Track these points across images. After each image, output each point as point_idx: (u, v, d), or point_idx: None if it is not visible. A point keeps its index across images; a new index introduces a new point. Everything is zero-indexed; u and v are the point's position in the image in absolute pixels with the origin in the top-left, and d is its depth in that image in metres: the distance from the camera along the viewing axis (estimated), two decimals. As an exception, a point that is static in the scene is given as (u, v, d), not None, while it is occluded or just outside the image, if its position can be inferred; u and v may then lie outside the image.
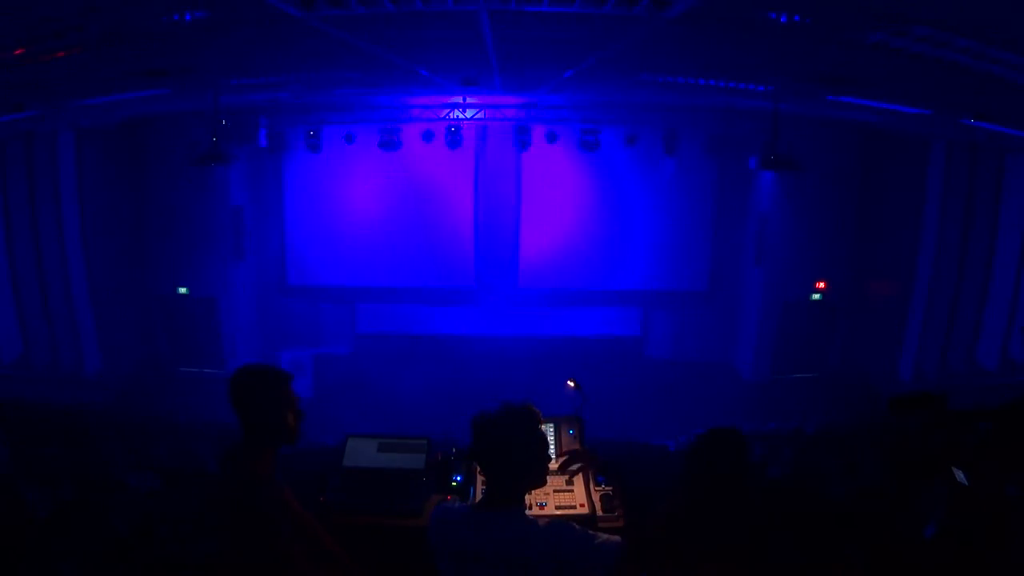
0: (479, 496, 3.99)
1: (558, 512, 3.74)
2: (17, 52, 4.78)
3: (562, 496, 3.85)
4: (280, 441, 2.84)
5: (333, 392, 11.96)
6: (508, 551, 2.32)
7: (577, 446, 4.14)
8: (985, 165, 10.59)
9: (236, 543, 2.57)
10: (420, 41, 5.94)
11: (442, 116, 11.43)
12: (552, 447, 4.13)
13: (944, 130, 9.87)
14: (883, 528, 2.92)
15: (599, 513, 3.85)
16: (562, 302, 12.99)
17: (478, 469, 4.20)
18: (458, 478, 4.28)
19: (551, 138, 11.64)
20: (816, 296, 12.27)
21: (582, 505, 3.87)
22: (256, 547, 2.56)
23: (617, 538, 2.35)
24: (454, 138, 11.38)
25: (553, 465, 2.83)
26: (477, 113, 11.49)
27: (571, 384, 4.60)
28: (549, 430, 4.25)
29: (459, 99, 11.12)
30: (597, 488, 4.07)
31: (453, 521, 2.48)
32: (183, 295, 12.14)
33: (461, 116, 11.44)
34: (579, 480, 4.00)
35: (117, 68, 6.06)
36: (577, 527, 2.37)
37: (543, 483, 2.53)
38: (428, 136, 11.56)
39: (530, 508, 3.50)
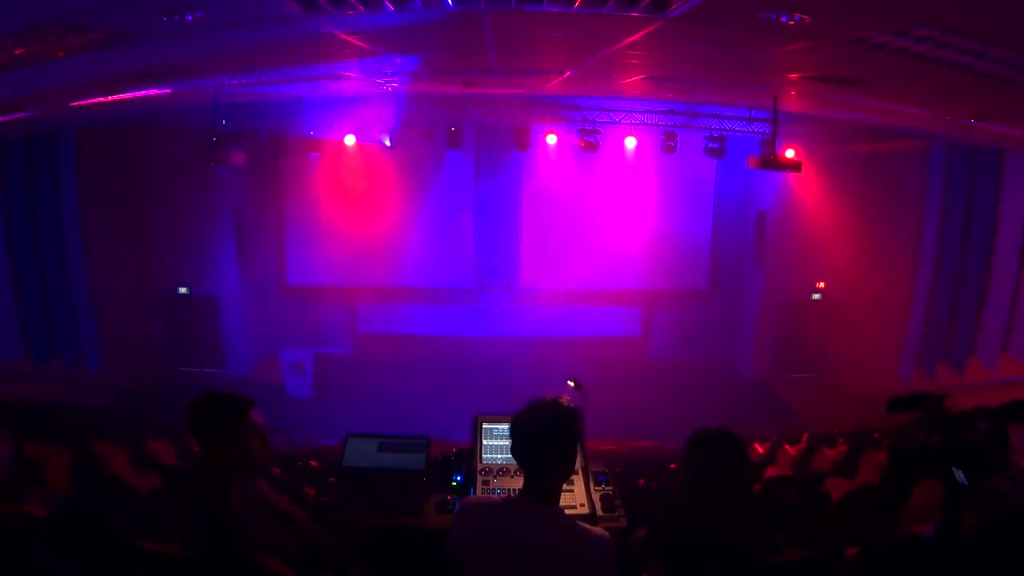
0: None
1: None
2: (17, 52, 4.78)
3: (562, 496, 3.84)
4: (245, 470, 2.79)
5: (333, 392, 11.97)
6: (553, 548, 2.35)
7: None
8: (985, 165, 10.59)
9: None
10: (420, 41, 5.95)
11: (442, 116, 11.42)
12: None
13: (944, 130, 9.87)
14: (883, 528, 2.91)
15: (599, 513, 3.84)
16: (562, 302, 12.99)
17: (480, 469, 4.20)
18: (458, 478, 4.28)
19: (551, 138, 11.63)
20: (816, 296, 12.27)
21: (582, 505, 3.86)
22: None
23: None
24: (454, 138, 11.38)
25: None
26: (478, 113, 11.49)
27: (571, 384, 4.60)
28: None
29: (459, 99, 11.11)
30: (597, 488, 4.07)
31: (490, 513, 2.50)
32: (183, 295, 12.15)
33: (462, 116, 11.43)
34: (579, 480, 4.00)
35: (117, 68, 6.06)
36: (607, 536, 2.44)
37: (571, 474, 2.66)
38: (428, 136, 11.56)
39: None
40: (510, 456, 2.59)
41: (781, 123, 8.99)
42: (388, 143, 11.34)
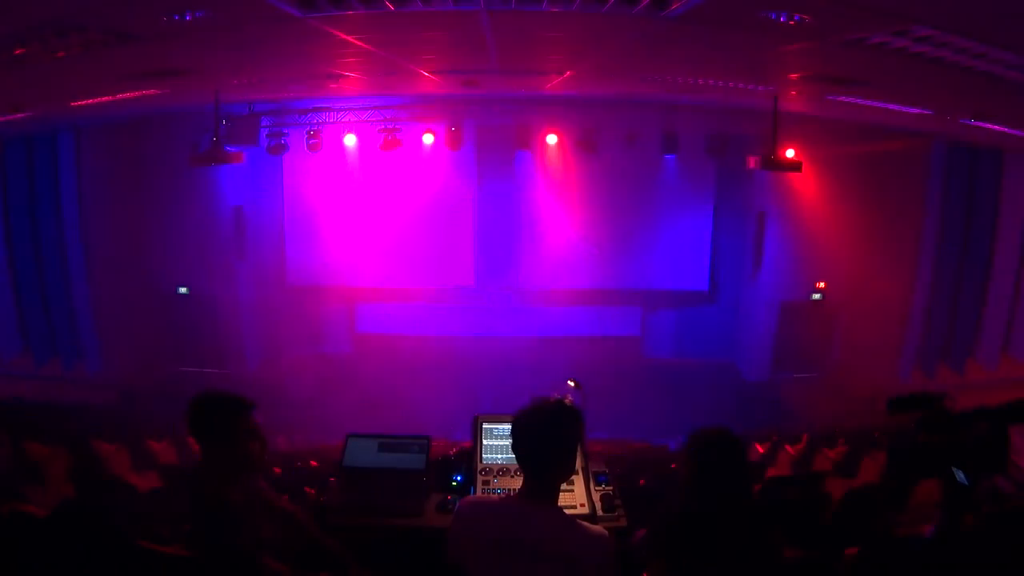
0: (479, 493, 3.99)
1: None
2: (17, 52, 4.78)
3: (562, 496, 3.83)
4: (243, 469, 2.80)
5: (333, 392, 11.96)
6: (552, 546, 2.34)
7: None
8: (985, 165, 10.59)
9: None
10: (420, 41, 5.95)
11: (442, 116, 11.42)
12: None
13: (944, 130, 9.87)
14: (883, 528, 2.91)
15: (599, 513, 3.84)
16: (562, 302, 12.99)
17: (480, 469, 4.20)
18: (458, 478, 4.28)
19: (551, 137, 11.63)
20: (816, 296, 12.27)
21: (582, 505, 3.86)
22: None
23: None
24: (454, 138, 11.39)
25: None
26: (477, 113, 11.48)
27: (571, 384, 4.60)
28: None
29: (459, 99, 11.11)
30: (597, 488, 4.07)
31: (489, 512, 2.50)
32: (183, 295, 12.14)
33: (461, 116, 11.43)
34: (579, 479, 4.00)
35: (117, 68, 6.06)
36: (606, 534, 2.43)
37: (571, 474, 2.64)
38: (428, 136, 11.56)
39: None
40: (510, 456, 2.59)
41: (781, 123, 8.99)
42: (389, 143, 11.34)
